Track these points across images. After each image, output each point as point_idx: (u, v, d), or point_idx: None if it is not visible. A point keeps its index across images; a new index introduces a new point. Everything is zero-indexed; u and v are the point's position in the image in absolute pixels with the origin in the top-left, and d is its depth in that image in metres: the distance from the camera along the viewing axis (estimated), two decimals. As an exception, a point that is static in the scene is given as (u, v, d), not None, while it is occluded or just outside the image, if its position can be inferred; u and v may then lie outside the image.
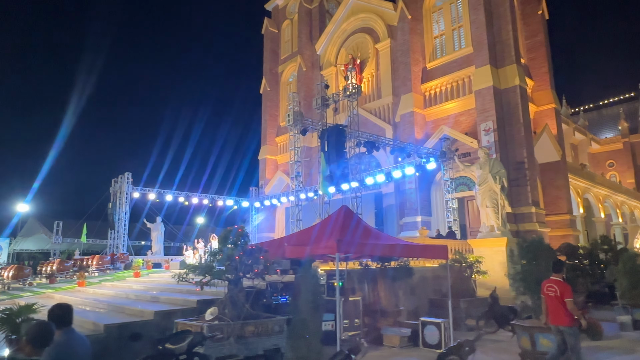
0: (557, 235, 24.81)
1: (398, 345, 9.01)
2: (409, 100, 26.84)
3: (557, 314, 6.74)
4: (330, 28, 34.29)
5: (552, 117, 26.32)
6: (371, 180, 24.26)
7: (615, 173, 44.31)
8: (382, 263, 10.38)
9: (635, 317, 11.38)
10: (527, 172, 22.33)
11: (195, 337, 5.48)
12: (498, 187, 14.11)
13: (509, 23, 24.10)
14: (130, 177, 27.91)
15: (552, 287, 6.89)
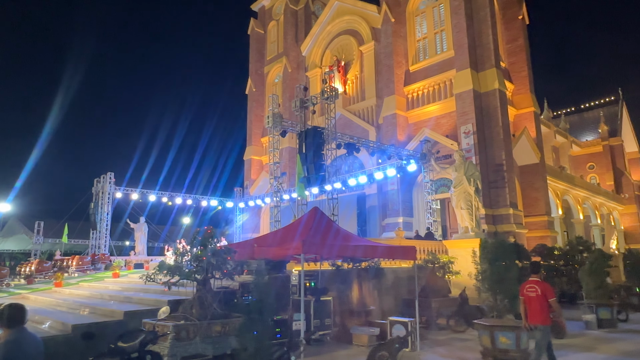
0: (536, 236, 25.32)
1: (366, 344, 9.21)
2: (392, 102, 27.14)
3: (536, 314, 7.00)
4: (316, 30, 34.49)
5: (531, 120, 26.83)
6: (354, 181, 24.51)
7: (596, 175, 45.15)
8: (354, 264, 10.59)
9: (600, 316, 11.75)
10: (505, 174, 22.74)
11: (147, 335, 5.60)
12: (472, 189, 14.42)
13: (489, 27, 24.52)
14: (112, 177, 27.74)
15: (533, 287, 7.13)
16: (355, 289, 10.38)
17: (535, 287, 7.08)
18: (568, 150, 42.85)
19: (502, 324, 7.80)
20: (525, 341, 7.80)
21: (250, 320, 6.17)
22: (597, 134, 45.84)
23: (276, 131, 17.72)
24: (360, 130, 29.86)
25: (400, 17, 28.57)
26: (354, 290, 10.37)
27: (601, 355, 8.50)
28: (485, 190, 22.90)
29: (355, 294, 10.35)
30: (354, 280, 10.46)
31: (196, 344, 6.88)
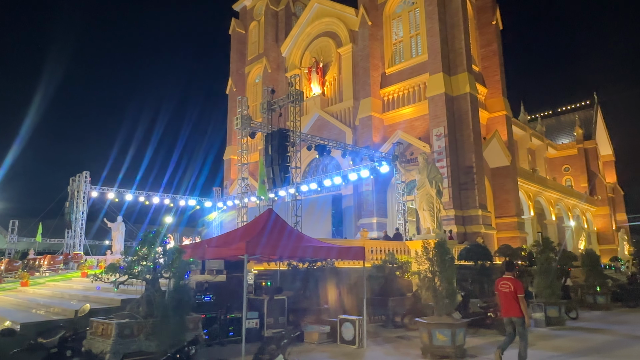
0: (506, 237, 25.92)
1: (317, 341, 9.51)
2: (367, 104, 27.53)
3: (510, 307, 7.62)
4: (296, 31, 34.73)
5: (503, 123, 27.44)
6: (329, 182, 24.83)
7: (571, 177, 46.21)
8: (310, 264, 10.89)
9: (548, 314, 12.24)
10: (475, 176, 23.28)
11: (66, 332, 5.81)
12: (434, 192, 14.83)
13: (461, 32, 25.04)
14: (88, 175, 27.64)
15: (506, 284, 7.74)
16: (310, 288, 10.68)
17: (508, 284, 7.72)
18: (544, 152, 43.75)
19: (439, 322, 8.17)
20: (461, 338, 8.18)
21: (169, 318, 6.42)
22: (572, 137, 46.92)
23: (245, 133, 17.95)
24: (337, 131, 30.22)
25: (377, 20, 28.98)
26: (309, 289, 10.68)
27: (536, 351, 8.92)
28: (456, 192, 23.46)
29: (310, 293, 10.65)
30: (309, 279, 10.76)
31: (140, 341, 7.10)
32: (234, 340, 9.39)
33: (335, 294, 11.05)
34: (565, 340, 10.02)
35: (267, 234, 8.21)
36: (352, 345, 9.20)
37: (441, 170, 23.32)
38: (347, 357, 8.44)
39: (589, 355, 8.66)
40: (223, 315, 9.39)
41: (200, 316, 8.00)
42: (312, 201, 27.79)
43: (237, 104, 16.96)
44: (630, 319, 13.55)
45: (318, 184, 25.25)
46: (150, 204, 30.62)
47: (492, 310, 11.05)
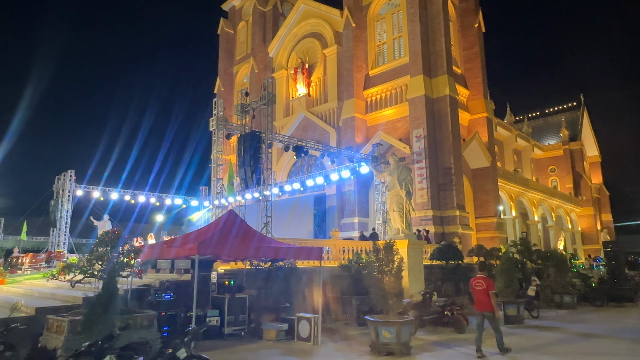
0: (485, 237, 26.37)
1: (274, 338, 9.84)
2: (351, 105, 27.85)
3: (483, 303, 8.75)
4: (283, 31, 34.99)
5: (484, 125, 27.82)
6: (311, 182, 25.13)
7: (557, 178, 46.74)
8: (272, 263, 11.22)
9: (508, 312, 12.63)
10: (453, 177, 23.66)
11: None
12: (403, 193, 15.15)
13: (442, 35, 25.40)
14: (73, 174, 27.84)
15: (479, 282, 8.86)
16: (272, 287, 11.00)
17: (481, 282, 8.84)
18: (530, 153, 44.22)
19: (385, 320, 8.51)
20: (407, 335, 8.53)
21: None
22: (559, 138, 47.42)
23: (221, 134, 18.23)
24: (322, 131, 30.55)
25: (362, 22, 29.29)
26: (270, 288, 11.00)
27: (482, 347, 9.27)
28: (434, 193, 23.85)
29: (271, 292, 10.97)
30: (271, 279, 11.08)
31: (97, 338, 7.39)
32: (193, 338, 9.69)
33: (297, 293, 11.36)
34: (514, 338, 10.39)
35: (218, 235, 8.50)
36: (308, 342, 9.54)
37: (420, 172, 23.80)
38: (296, 353, 8.77)
39: (529, 352, 9.03)
40: (183, 313, 9.70)
41: (153, 314, 8.30)
42: (295, 201, 28.10)
43: (214, 106, 17.25)
44: (590, 318, 13.96)
45: (301, 184, 25.57)
46: (136, 202, 30.82)
47: (450, 308, 11.40)
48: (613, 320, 13.38)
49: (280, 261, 11.02)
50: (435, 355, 8.69)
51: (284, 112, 34.14)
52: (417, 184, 24.08)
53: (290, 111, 33.54)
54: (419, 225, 23.56)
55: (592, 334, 10.96)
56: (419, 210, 23.82)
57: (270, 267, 11.17)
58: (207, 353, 8.31)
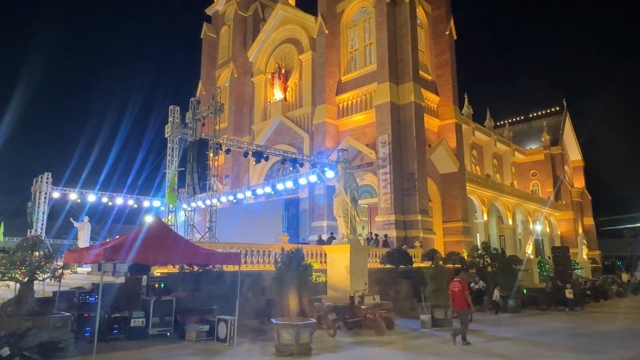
0: (452, 241, 26.91)
1: (194, 339, 10.35)
2: (322, 111, 28.38)
3: (459, 302, 10.75)
4: (262, 37, 35.54)
5: (452, 130, 28.31)
6: (281, 186, 25.66)
7: (538, 182, 47.20)
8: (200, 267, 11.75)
9: (435, 316, 13.12)
10: (416, 182, 24.15)
11: None
12: (349, 199, 15.67)
13: (409, 43, 25.91)
14: (49, 177, 28.38)
15: (456, 285, 10.93)
16: (200, 290, 11.52)
17: (457, 285, 10.90)
18: (511, 157, 44.67)
19: (284, 322, 9.02)
20: (306, 337, 9.04)
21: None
22: (541, 143, 47.86)
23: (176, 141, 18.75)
24: (296, 136, 31.10)
25: (335, 28, 29.81)
26: (198, 291, 11.52)
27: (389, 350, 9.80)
28: (398, 198, 24.35)
29: (199, 295, 11.50)
30: (200, 282, 11.61)
31: (0, 338, 7.93)
32: (117, 338, 10.23)
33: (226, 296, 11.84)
34: (427, 340, 10.91)
35: (130, 241, 9.03)
36: (225, 343, 10.06)
37: (384, 177, 24.33)
38: (205, 353, 9.30)
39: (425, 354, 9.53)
40: (107, 314, 10.22)
41: (68, 315, 8.83)
42: (266, 204, 28.65)
43: (170, 113, 17.75)
44: (523, 322, 14.44)
45: (272, 188, 26.12)
46: (113, 204, 31.37)
47: (372, 311, 11.89)
48: (540, 324, 13.87)
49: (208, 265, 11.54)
50: (334, 356, 9.20)
51: (262, 116, 34.71)
52: (381, 189, 24.61)
53: (267, 115, 34.10)
54: (383, 229, 24.09)
55: (503, 337, 11.47)
56: (382, 214, 24.35)
57: (199, 270, 11.70)
58: (112, 353, 8.88)
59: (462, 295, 10.68)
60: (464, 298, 10.65)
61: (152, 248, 9.11)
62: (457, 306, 10.81)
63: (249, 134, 35.53)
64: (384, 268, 18.14)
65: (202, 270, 11.75)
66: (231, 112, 36.11)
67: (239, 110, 36.13)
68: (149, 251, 9.06)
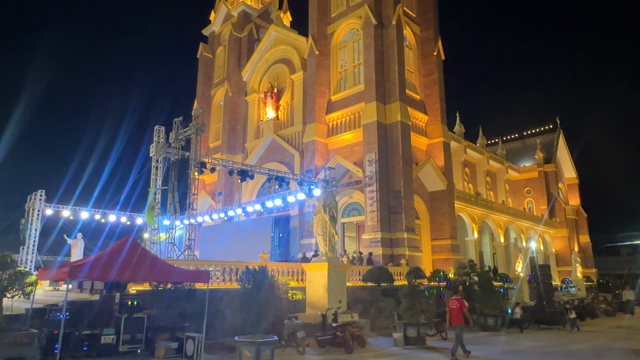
0: (440, 259, 26.99)
1: (162, 356, 10.50)
2: (312, 129, 28.83)
3: (457, 318, 11.57)
4: (256, 57, 36.32)
5: (440, 149, 28.64)
6: (271, 203, 25.97)
7: (532, 200, 47.32)
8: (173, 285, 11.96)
9: (408, 334, 13.23)
10: (403, 200, 24.39)
11: None
12: (327, 217, 15.92)
13: (396, 64, 26.47)
14: (43, 194, 28.76)
15: (454, 302, 11.77)
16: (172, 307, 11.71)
17: (455, 302, 11.78)
18: (504, 175, 44.89)
19: (246, 340, 9.21)
20: (267, 354, 9.21)
21: None
22: (534, 161, 48.14)
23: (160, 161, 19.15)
24: (288, 154, 31.53)
25: (326, 49, 30.47)
26: (170, 308, 11.71)
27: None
28: (385, 215, 24.57)
29: (171, 312, 11.68)
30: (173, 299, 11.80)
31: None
32: (87, 355, 10.42)
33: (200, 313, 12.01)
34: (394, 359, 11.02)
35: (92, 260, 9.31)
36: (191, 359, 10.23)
37: (371, 195, 24.60)
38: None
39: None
40: (78, 331, 10.42)
41: (34, 332, 9.06)
42: (255, 222, 28.91)
43: (155, 133, 18.20)
44: (497, 341, 14.50)
45: (261, 205, 26.45)
46: (106, 221, 31.66)
47: (341, 329, 12.03)
48: (514, 343, 13.92)
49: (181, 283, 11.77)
50: (295, 373, 9.34)
51: (255, 135, 35.24)
52: (368, 207, 24.85)
53: (260, 133, 34.62)
54: (369, 246, 24.25)
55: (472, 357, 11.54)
56: (369, 232, 24.54)
57: (171, 288, 11.92)
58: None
59: (460, 312, 11.57)
60: (461, 315, 11.54)
61: (120, 266, 9.38)
62: (454, 322, 11.63)
63: (242, 152, 36.02)
64: (366, 286, 18.26)
65: (174, 288, 11.96)
66: (225, 130, 36.67)
67: (232, 128, 36.68)
68: (116, 269, 9.33)
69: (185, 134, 17.78)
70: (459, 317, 11.51)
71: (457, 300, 11.79)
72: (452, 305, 11.77)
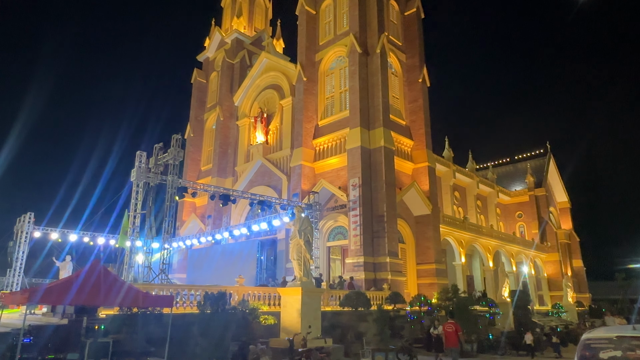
0: (425, 283, 27.01)
1: (126, 381, 10.65)
2: (299, 154, 29.27)
3: (452, 341, 12.29)
4: (247, 82, 37.14)
5: (425, 174, 29.00)
6: (257, 227, 26.23)
7: (524, 224, 47.43)
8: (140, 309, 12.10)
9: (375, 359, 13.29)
10: (385, 225, 24.59)
11: None
12: (302, 242, 16.14)
13: (380, 91, 27.11)
14: (32, 216, 29.01)
15: (450, 325, 12.51)
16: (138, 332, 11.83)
17: (452, 326, 12.52)
18: (495, 199, 45.18)
19: None
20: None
21: None
22: (525, 185, 48.47)
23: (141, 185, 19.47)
24: (276, 177, 31.92)
25: (314, 76, 31.20)
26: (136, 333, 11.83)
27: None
28: (368, 240, 24.73)
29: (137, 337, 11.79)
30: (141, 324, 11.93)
31: None
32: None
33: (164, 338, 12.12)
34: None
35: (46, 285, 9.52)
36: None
37: (354, 219, 24.84)
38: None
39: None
40: (42, 356, 10.55)
41: (-4, 356, 9.21)
42: (241, 245, 29.05)
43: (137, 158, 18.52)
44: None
45: (247, 229, 26.71)
46: (95, 244, 31.79)
47: (307, 354, 12.11)
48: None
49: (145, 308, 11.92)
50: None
51: (245, 158, 35.72)
52: (351, 231, 25.04)
53: (250, 157, 35.09)
54: (352, 270, 24.34)
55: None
56: (352, 256, 24.67)
57: (138, 312, 12.07)
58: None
59: (456, 335, 12.32)
60: (457, 338, 12.31)
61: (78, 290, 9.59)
62: (450, 345, 12.39)
63: (232, 175, 36.42)
64: (344, 311, 18.31)
65: (141, 313, 12.11)
66: (216, 154, 37.17)
67: (223, 152, 37.19)
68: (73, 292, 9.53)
69: (164, 160, 18.18)
70: (454, 340, 12.23)
71: (453, 324, 12.51)
72: (448, 329, 12.52)
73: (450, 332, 12.32)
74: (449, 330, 12.43)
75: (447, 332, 12.46)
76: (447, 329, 12.52)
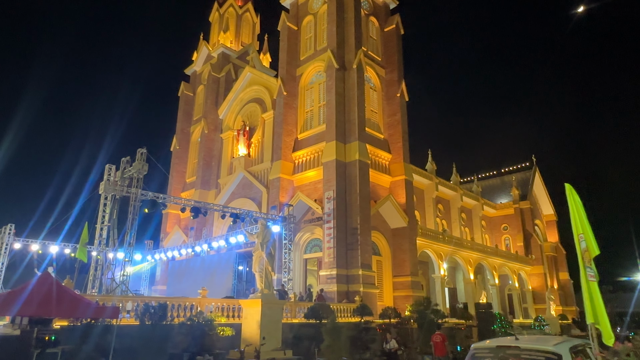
0: (401, 296, 27.18)
1: (69, 391, 10.85)
2: (278, 167, 29.65)
3: (440, 350, 13.76)
4: (231, 96, 37.70)
5: (402, 187, 29.35)
6: (234, 239, 26.50)
7: (509, 236, 47.65)
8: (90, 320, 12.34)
9: (328, 372, 13.47)
10: (359, 237, 24.86)
11: None
12: (264, 254, 16.41)
13: (355, 105, 27.61)
14: (12, 228, 29.29)
15: (438, 336, 14.15)
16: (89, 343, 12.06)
17: (439, 337, 14.21)
18: (480, 211, 45.44)
19: None
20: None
21: None
22: (510, 197, 48.80)
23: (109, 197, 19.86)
24: (257, 190, 32.25)
25: (294, 90, 31.73)
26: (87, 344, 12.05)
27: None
28: (342, 252, 24.98)
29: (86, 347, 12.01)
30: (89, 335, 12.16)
31: None
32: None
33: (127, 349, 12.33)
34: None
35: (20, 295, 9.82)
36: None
37: (329, 231, 25.12)
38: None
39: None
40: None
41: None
42: (219, 257, 29.26)
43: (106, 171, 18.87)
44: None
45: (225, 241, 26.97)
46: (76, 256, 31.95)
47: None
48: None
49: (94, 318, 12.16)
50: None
51: (228, 171, 36.10)
52: (325, 243, 25.30)
53: (232, 170, 35.48)
54: (326, 283, 24.53)
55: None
56: (326, 268, 24.88)
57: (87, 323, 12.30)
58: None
59: (443, 345, 13.85)
60: (444, 347, 13.81)
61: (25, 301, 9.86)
62: (438, 354, 13.80)
63: (215, 187, 36.76)
64: (309, 323, 18.48)
65: (89, 324, 12.34)
66: (200, 167, 37.55)
67: (207, 164, 37.58)
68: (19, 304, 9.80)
69: (130, 173, 18.55)
70: (442, 349, 13.71)
71: (440, 335, 14.16)
72: (436, 339, 13.97)
73: (438, 343, 13.72)
74: (436, 340, 13.87)
75: (435, 342, 13.91)
76: (434, 340, 14.00)
